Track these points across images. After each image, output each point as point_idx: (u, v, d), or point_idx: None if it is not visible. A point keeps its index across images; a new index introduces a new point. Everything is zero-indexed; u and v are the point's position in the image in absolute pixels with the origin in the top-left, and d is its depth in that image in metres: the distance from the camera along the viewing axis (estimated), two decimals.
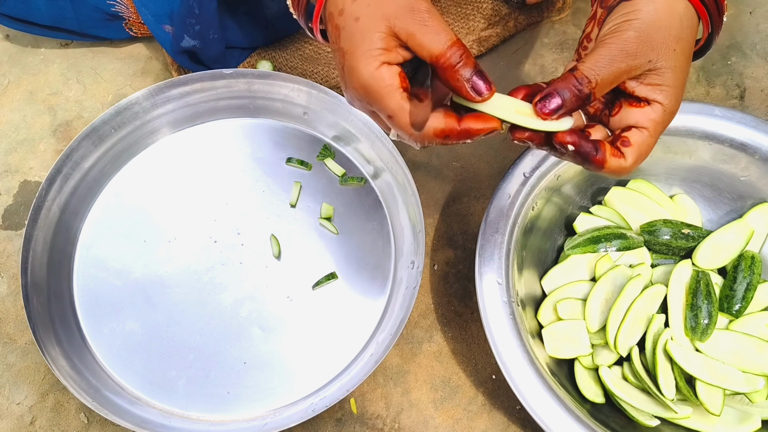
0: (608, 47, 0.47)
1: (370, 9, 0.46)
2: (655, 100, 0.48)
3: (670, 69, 0.47)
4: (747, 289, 0.68)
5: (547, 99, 0.46)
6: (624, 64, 0.46)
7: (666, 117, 0.48)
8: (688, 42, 0.49)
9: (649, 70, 0.47)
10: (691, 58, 0.50)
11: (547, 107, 0.46)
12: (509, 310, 0.64)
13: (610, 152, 0.47)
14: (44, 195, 0.72)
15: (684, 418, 0.65)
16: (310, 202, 0.78)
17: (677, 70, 0.48)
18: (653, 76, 0.48)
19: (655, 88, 0.48)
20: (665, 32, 0.47)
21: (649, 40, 0.47)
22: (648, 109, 0.48)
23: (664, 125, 0.49)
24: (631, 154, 0.48)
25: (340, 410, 0.72)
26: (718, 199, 0.74)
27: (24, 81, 0.89)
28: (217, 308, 0.73)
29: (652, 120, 0.48)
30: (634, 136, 0.48)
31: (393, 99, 0.46)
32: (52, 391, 0.73)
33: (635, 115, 0.48)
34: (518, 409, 0.72)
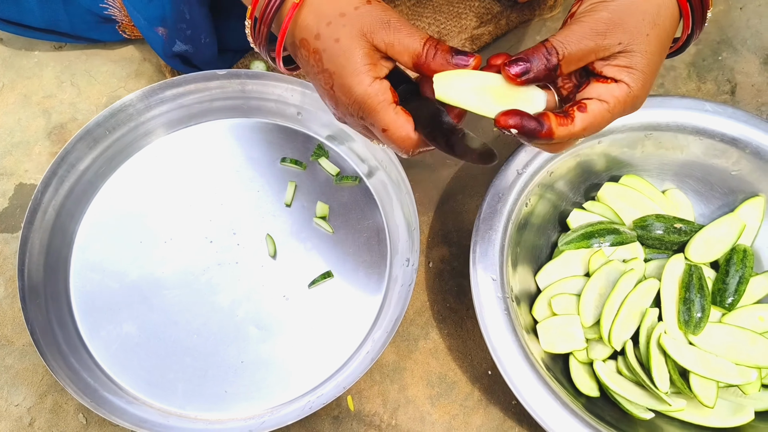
0: (580, 25, 0.47)
1: (347, 29, 0.48)
2: (622, 80, 0.48)
3: (640, 53, 0.47)
4: (739, 282, 0.69)
5: (516, 62, 0.47)
6: (593, 42, 0.47)
7: (629, 99, 0.48)
8: (665, 30, 0.49)
9: (619, 52, 0.48)
10: (666, 47, 0.50)
11: (514, 69, 0.47)
12: (504, 306, 0.65)
13: (556, 122, 0.47)
14: (40, 197, 0.72)
15: (678, 410, 0.65)
16: (305, 201, 0.78)
17: (648, 55, 0.48)
18: (622, 58, 0.48)
19: (623, 69, 0.48)
20: (640, 16, 0.47)
21: (621, 22, 0.47)
22: (613, 85, 0.48)
23: (625, 106, 0.49)
24: (582, 120, 0.47)
25: (337, 408, 0.72)
26: (709, 193, 0.75)
27: (18, 84, 0.89)
28: (214, 308, 0.73)
29: (615, 96, 0.48)
30: (592, 104, 0.48)
31: (388, 113, 0.48)
32: (50, 393, 0.73)
33: (599, 89, 0.48)
34: (514, 404, 0.72)
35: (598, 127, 0.49)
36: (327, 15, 0.49)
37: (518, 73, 0.47)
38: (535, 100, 0.48)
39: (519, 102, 0.48)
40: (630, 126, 0.71)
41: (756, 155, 0.70)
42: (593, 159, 0.73)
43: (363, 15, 0.49)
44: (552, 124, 0.47)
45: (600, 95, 0.48)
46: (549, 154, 0.70)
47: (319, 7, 0.49)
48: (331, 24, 0.49)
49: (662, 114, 0.71)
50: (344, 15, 0.49)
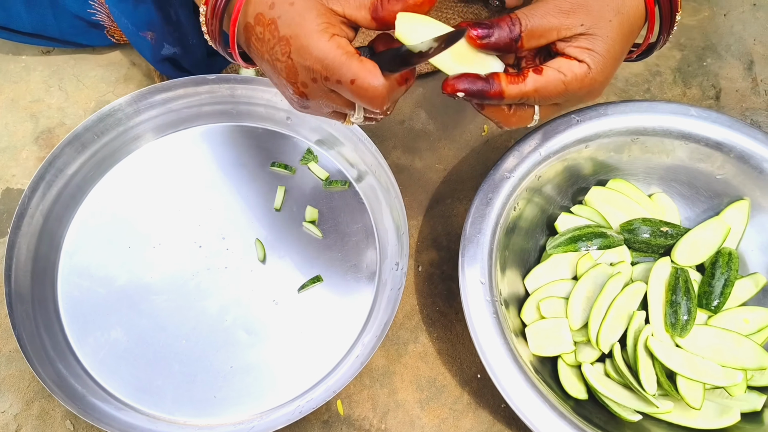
0: (546, 2, 0.48)
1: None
2: (583, 61, 0.49)
3: (601, 37, 0.48)
4: (725, 285, 0.69)
5: (480, 26, 0.47)
6: (555, 19, 0.48)
7: (587, 79, 0.49)
8: (627, 20, 0.49)
9: (581, 33, 0.48)
10: (629, 37, 0.51)
11: (477, 31, 0.47)
12: (493, 310, 0.65)
13: (506, 81, 0.48)
14: (27, 202, 0.72)
15: (665, 412, 0.66)
16: (295, 206, 0.78)
17: (609, 41, 0.49)
18: (584, 40, 0.49)
19: (584, 50, 0.49)
20: (604, 2, 0.48)
21: (586, 5, 0.48)
22: (575, 62, 0.49)
23: (582, 85, 0.49)
24: (535, 81, 0.48)
25: (327, 412, 0.72)
26: (695, 197, 0.76)
27: (5, 89, 0.89)
28: (203, 313, 0.73)
29: (573, 71, 0.49)
30: (548, 71, 0.49)
31: (353, 63, 0.46)
32: (37, 399, 0.73)
33: (561, 61, 0.49)
34: (503, 407, 0.72)
35: (550, 93, 0.49)
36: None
37: (480, 35, 0.47)
38: (492, 67, 0.48)
39: (476, 65, 0.48)
40: (617, 130, 0.72)
41: (740, 159, 0.71)
42: (580, 163, 0.74)
43: None
44: (502, 83, 0.47)
45: (560, 67, 0.49)
46: (537, 159, 0.70)
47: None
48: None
49: (648, 119, 0.72)
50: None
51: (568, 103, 0.53)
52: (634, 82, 0.90)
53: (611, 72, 0.50)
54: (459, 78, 0.47)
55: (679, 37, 0.92)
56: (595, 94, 0.51)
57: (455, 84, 0.47)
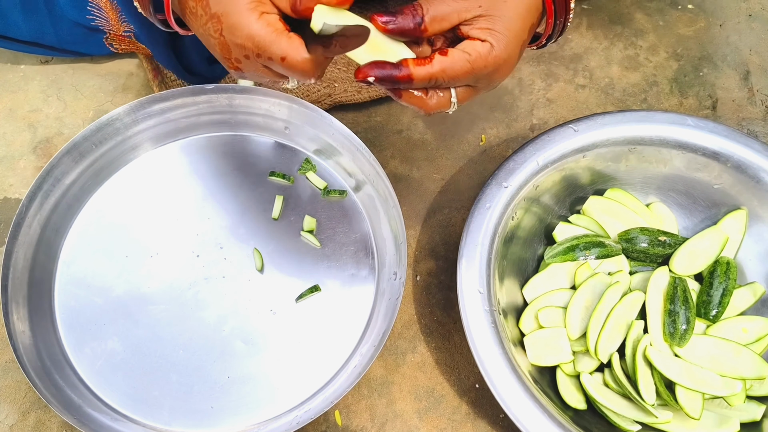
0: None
1: None
2: (486, 40, 0.51)
3: (500, 17, 0.51)
4: (723, 294, 0.69)
5: (386, 12, 0.50)
6: (454, 3, 0.51)
7: (491, 58, 0.51)
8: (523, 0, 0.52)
9: (480, 15, 0.51)
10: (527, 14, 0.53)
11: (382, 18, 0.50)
12: (491, 319, 0.65)
13: (414, 64, 0.50)
14: (25, 212, 0.72)
15: (665, 422, 0.66)
16: (293, 215, 0.78)
17: (507, 20, 0.51)
18: (483, 21, 0.51)
19: (485, 30, 0.51)
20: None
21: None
22: (478, 42, 0.51)
23: (487, 63, 0.51)
24: (441, 62, 0.50)
25: (325, 422, 0.72)
26: (692, 206, 0.76)
27: (3, 98, 0.89)
28: (200, 323, 0.73)
29: (477, 50, 0.51)
30: (454, 52, 0.51)
31: (282, 41, 0.48)
32: (33, 410, 0.72)
33: (466, 43, 0.52)
34: (502, 418, 0.72)
35: (457, 73, 0.51)
36: None
37: (385, 21, 0.50)
38: (401, 54, 0.51)
39: (385, 52, 0.51)
40: (614, 140, 0.72)
41: (737, 169, 0.71)
42: (578, 173, 0.74)
43: None
44: (410, 67, 0.50)
45: (464, 47, 0.51)
46: (535, 168, 0.71)
47: None
48: None
49: (645, 128, 0.72)
50: None
51: (480, 83, 0.54)
52: (631, 92, 0.90)
53: (515, 49, 0.53)
54: (369, 65, 0.50)
55: (676, 47, 0.93)
56: (503, 71, 0.53)
57: (366, 71, 0.49)
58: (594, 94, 0.90)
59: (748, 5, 0.96)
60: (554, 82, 0.91)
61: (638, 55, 0.93)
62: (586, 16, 0.95)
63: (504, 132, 0.87)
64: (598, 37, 0.94)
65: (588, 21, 0.95)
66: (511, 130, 0.88)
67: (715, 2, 0.96)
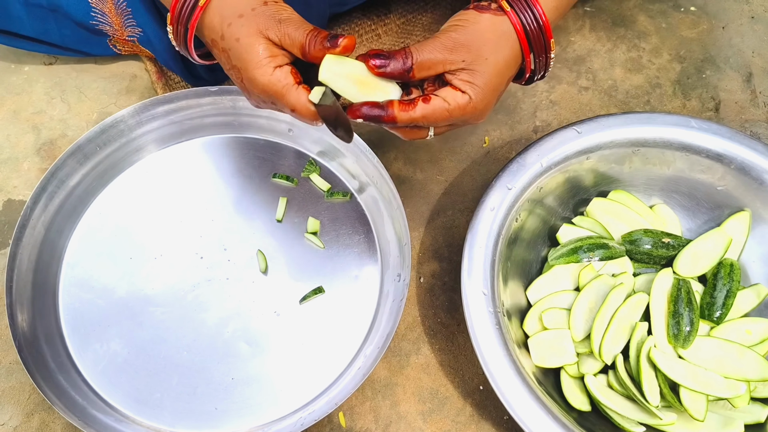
0: (435, 39, 0.57)
1: (245, 29, 0.56)
2: (465, 92, 0.57)
3: (480, 72, 0.57)
4: (727, 296, 0.69)
5: (378, 57, 0.56)
6: (441, 55, 0.56)
7: (469, 108, 0.57)
8: (503, 58, 0.58)
9: (462, 68, 0.57)
10: (505, 70, 0.59)
11: (375, 61, 0.56)
12: (495, 321, 0.65)
13: (398, 108, 0.56)
14: (29, 213, 0.72)
15: (669, 424, 0.66)
16: (296, 217, 0.78)
17: (486, 75, 0.57)
18: (465, 74, 0.57)
19: (465, 83, 0.57)
20: (482, 43, 0.57)
21: (467, 44, 0.57)
22: (458, 93, 0.57)
23: (465, 112, 0.58)
24: (423, 109, 0.56)
25: (329, 424, 0.72)
26: (696, 208, 0.76)
27: (7, 100, 0.89)
28: (204, 325, 0.73)
29: (456, 101, 0.57)
30: (435, 100, 0.57)
31: (291, 95, 0.56)
32: (37, 411, 0.72)
33: (447, 91, 0.57)
34: (506, 419, 0.72)
35: (436, 119, 0.57)
36: (228, 17, 0.57)
37: (377, 65, 0.56)
38: (391, 93, 0.57)
39: (378, 91, 0.57)
40: (618, 142, 0.72)
41: (741, 171, 0.71)
42: (582, 174, 0.74)
43: (258, 15, 0.56)
44: (395, 110, 0.56)
45: (446, 96, 0.57)
46: (538, 170, 0.71)
47: (222, 10, 0.57)
48: (232, 25, 0.56)
49: (649, 130, 0.72)
50: (242, 16, 0.56)
51: (456, 124, 0.60)
52: (635, 94, 0.90)
53: (491, 100, 0.59)
54: (360, 106, 0.56)
55: (679, 50, 0.93)
56: (480, 117, 0.60)
57: (357, 112, 0.56)
58: (597, 96, 0.90)
59: (750, 7, 0.96)
60: (557, 84, 0.91)
61: (641, 57, 0.93)
62: (589, 18, 0.96)
63: (507, 134, 0.88)
64: (601, 40, 0.94)
65: (591, 23, 0.95)
66: (514, 132, 0.88)
67: (717, 4, 0.96)
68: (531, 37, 0.59)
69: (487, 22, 0.58)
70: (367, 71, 0.57)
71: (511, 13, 0.58)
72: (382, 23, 0.92)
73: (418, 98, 0.57)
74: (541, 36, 0.59)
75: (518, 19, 0.58)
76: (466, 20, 0.58)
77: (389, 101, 0.56)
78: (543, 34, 0.59)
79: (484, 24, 0.58)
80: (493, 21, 0.58)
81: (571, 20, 0.95)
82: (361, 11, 0.92)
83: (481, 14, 0.58)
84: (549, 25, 0.59)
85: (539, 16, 0.59)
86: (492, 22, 0.58)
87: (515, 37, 0.59)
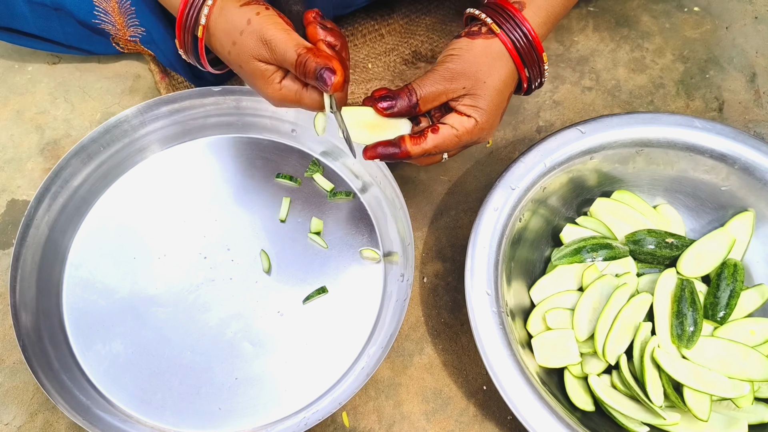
0: (434, 72, 0.61)
1: (243, 56, 0.59)
2: (471, 116, 0.61)
3: (481, 96, 0.61)
4: (730, 296, 0.69)
5: (384, 99, 0.59)
6: (442, 86, 0.60)
7: (476, 130, 0.61)
8: (500, 78, 0.61)
9: (464, 94, 0.61)
10: (504, 89, 0.62)
11: (382, 104, 0.59)
12: (499, 321, 0.65)
13: (410, 143, 0.60)
14: (33, 213, 0.72)
15: (673, 424, 0.65)
16: (300, 217, 0.78)
17: (487, 97, 0.61)
18: (468, 99, 0.61)
19: (469, 107, 0.61)
20: (477, 68, 0.60)
21: (464, 72, 0.60)
22: (464, 118, 0.61)
23: (472, 135, 0.61)
24: (434, 139, 0.60)
25: (333, 424, 0.72)
26: (700, 208, 0.76)
27: (11, 100, 0.89)
28: (207, 325, 0.73)
29: (463, 126, 0.61)
30: (443, 128, 0.60)
31: (305, 99, 0.60)
32: (41, 411, 0.72)
33: (454, 118, 0.61)
34: (509, 419, 0.72)
35: (447, 146, 0.61)
36: (226, 44, 0.60)
37: (385, 107, 0.59)
38: (401, 128, 0.61)
39: (388, 130, 0.61)
40: (621, 142, 0.72)
41: (745, 171, 0.71)
42: (585, 175, 0.74)
43: (246, 41, 0.59)
44: (407, 146, 0.59)
45: (453, 123, 0.61)
46: (542, 170, 0.71)
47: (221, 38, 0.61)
48: (231, 53, 0.60)
49: (653, 130, 0.72)
50: (235, 44, 0.59)
51: (467, 144, 0.63)
52: (638, 94, 0.90)
53: (495, 118, 0.62)
54: (374, 147, 0.59)
55: (682, 50, 0.93)
56: (488, 135, 0.63)
57: (371, 153, 0.60)
58: (600, 96, 0.90)
59: (754, 8, 0.96)
60: (561, 84, 0.91)
61: (644, 57, 0.93)
62: (592, 18, 0.95)
63: (510, 134, 0.88)
64: (604, 40, 0.94)
65: (594, 23, 0.95)
66: (517, 132, 0.88)
67: (721, 5, 0.96)
68: (523, 54, 0.62)
69: (480, 47, 0.61)
70: (375, 114, 0.60)
71: (501, 34, 0.61)
72: (385, 23, 0.92)
73: (428, 129, 0.60)
74: (533, 51, 0.62)
75: (509, 38, 0.61)
76: (460, 48, 0.61)
77: (401, 137, 0.60)
78: (534, 49, 0.62)
79: (477, 50, 0.61)
80: (485, 45, 0.61)
81: (575, 20, 0.95)
82: (365, 12, 0.93)
83: (473, 41, 0.61)
84: (539, 40, 0.62)
85: (528, 33, 0.61)
86: (484, 46, 0.61)
87: (508, 56, 0.62)
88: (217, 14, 0.61)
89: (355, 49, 0.91)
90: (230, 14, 0.60)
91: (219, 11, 0.60)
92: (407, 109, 0.60)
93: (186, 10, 0.62)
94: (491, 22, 0.61)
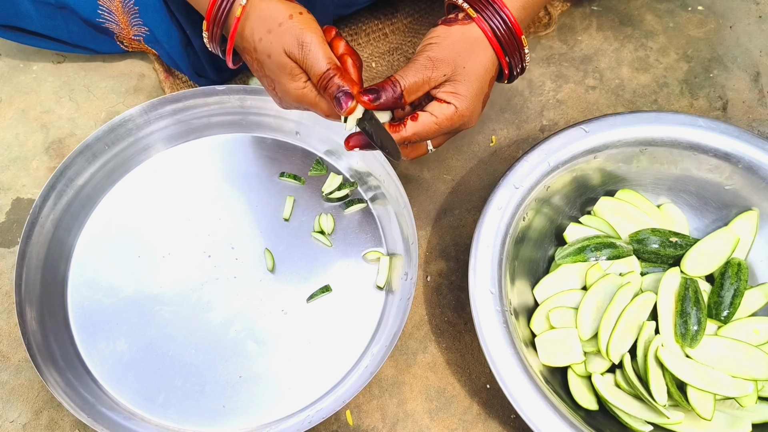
0: (414, 63, 0.61)
1: (274, 46, 0.60)
2: (450, 102, 0.61)
3: (461, 81, 0.61)
4: (734, 295, 0.69)
5: (370, 92, 0.59)
6: (424, 75, 0.60)
7: (456, 116, 0.61)
8: (480, 63, 0.61)
9: (445, 81, 0.61)
10: (484, 75, 0.62)
11: (368, 96, 0.59)
12: (502, 319, 0.65)
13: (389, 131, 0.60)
14: (38, 212, 0.72)
15: (676, 423, 0.65)
16: (304, 215, 0.79)
17: (467, 83, 0.61)
18: (448, 86, 0.61)
19: (449, 94, 0.61)
20: (456, 54, 0.61)
21: (443, 59, 0.60)
22: (444, 105, 0.61)
23: (452, 122, 0.61)
24: (413, 127, 0.60)
25: (336, 422, 0.72)
26: (704, 207, 0.76)
27: (16, 99, 0.89)
28: (212, 323, 0.73)
29: (443, 113, 0.61)
30: (423, 116, 0.61)
31: (322, 103, 0.62)
32: (46, 409, 0.73)
33: (433, 105, 0.61)
34: (513, 418, 0.72)
35: (427, 133, 0.61)
36: (259, 31, 0.60)
37: (371, 99, 0.59)
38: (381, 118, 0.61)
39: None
40: (625, 141, 0.72)
41: (749, 170, 0.71)
42: (589, 174, 0.74)
43: (284, 33, 0.59)
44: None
45: (432, 110, 0.61)
46: (546, 169, 0.71)
47: (255, 23, 0.60)
48: (262, 40, 0.60)
49: (657, 129, 0.72)
50: (271, 32, 0.60)
51: (449, 134, 0.64)
52: (642, 93, 0.90)
53: (477, 105, 0.62)
54: (353, 135, 0.62)
55: (686, 49, 0.93)
56: (470, 122, 0.63)
57: (353, 143, 0.62)
58: (604, 95, 0.90)
59: (758, 7, 0.96)
60: (564, 83, 0.91)
61: (648, 56, 0.93)
62: (596, 17, 0.95)
63: (514, 133, 0.88)
64: (608, 39, 0.94)
65: (598, 22, 0.95)
66: (521, 131, 0.88)
67: (725, 4, 0.96)
68: (502, 39, 0.62)
69: (457, 33, 0.61)
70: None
71: (478, 19, 0.61)
72: (389, 22, 0.92)
73: (407, 117, 0.61)
74: (512, 36, 0.62)
75: (486, 24, 0.61)
76: (438, 36, 0.62)
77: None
78: (513, 34, 0.62)
79: (454, 36, 0.61)
80: (462, 31, 0.61)
81: (578, 19, 0.95)
82: (369, 11, 0.93)
83: (450, 27, 0.62)
84: (518, 24, 0.62)
85: (507, 18, 0.61)
86: (462, 32, 0.61)
87: (487, 42, 0.62)
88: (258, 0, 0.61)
89: (359, 48, 0.91)
90: (271, 4, 0.60)
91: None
92: (393, 101, 0.60)
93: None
94: (467, 7, 0.62)
